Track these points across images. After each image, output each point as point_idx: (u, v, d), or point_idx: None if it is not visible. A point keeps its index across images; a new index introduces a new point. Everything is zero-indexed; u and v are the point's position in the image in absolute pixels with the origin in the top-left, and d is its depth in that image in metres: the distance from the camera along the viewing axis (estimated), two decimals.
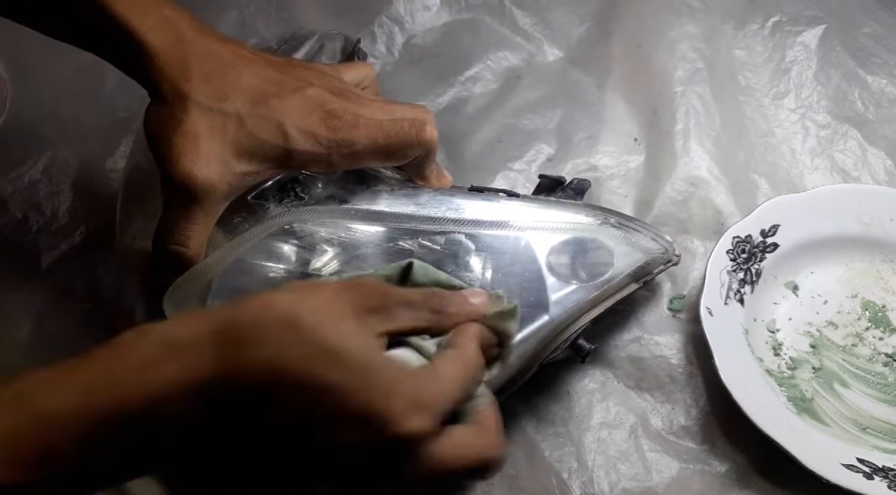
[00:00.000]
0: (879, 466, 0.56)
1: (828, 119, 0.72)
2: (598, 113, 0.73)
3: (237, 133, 0.51)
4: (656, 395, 0.61)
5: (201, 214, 0.52)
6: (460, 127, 0.73)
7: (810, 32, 0.76)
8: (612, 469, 0.58)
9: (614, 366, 0.62)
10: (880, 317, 0.63)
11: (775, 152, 0.71)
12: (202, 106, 0.51)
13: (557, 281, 0.55)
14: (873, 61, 0.75)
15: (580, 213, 0.58)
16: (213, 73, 0.52)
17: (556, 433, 0.59)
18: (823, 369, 0.61)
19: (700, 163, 0.70)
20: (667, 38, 0.75)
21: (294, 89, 0.53)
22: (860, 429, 0.59)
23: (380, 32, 0.77)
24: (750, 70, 0.75)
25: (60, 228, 0.67)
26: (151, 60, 0.51)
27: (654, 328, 0.63)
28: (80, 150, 0.70)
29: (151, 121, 0.52)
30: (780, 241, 0.64)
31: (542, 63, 0.77)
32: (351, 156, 0.54)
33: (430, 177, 0.59)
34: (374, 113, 0.55)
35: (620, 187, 0.69)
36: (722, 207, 0.68)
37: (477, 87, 0.76)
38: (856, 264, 0.65)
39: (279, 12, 0.77)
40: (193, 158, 0.50)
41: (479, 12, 0.79)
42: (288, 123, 0.52)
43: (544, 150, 0.72)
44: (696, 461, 0.58)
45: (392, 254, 0.55)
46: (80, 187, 0.69)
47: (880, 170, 0.70)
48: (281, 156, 0.52)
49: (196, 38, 0.53)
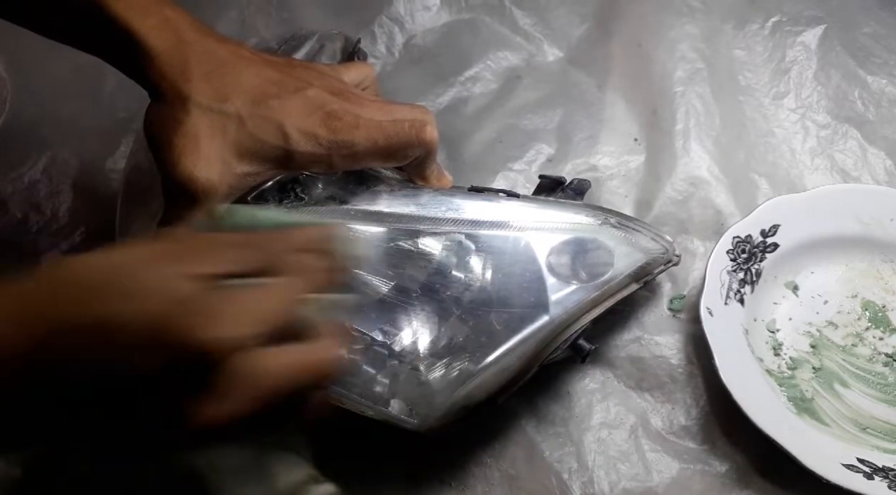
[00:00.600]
0: (879, 466, 0.56)
1: (828, 119, 0.72)
2: (598, 113, 0.73)
3: (238, 134, 0.51)
4: (656, 395, 0.61)
5: None
6: (460, 127, 0.73)
7: (810, 32, 0.76)
8: (612, 469, 0.58)
9: (614, 366, 0.62)
10: (880, 317, 0.63)
11: (775, 152, 0.71)
12: (202, 106, 0.51)
13: (558, 281, 0.55)
14: (873, 61, 0.75)
15: (580, 214, 0.58)
16: (213, 73, 0.52)
17: (557, 433, 0.59)
18: (823, 369, 0.61)
19: (700, 163, 0.70)
20: (667, 38, 0.75)
21: (294, 90, 0.53)
22: (860, 429, 0.59)
23: (380, 32, 0.77)
24: (750, 70, 0.75)
25: (60, 228, 0.68)
26: (151, 61, 0.51)
27: (655, 328, 0.63)
28: (80, 151, 0.70)
29: (152, 121, 0.52)
30: (781, 241, 0.64)
31: (542, 63, 0.77)
32: (351, 157, 0.54)
33: (430, 177, 0.59)
34: (374, 114, 0.55)
35: (620, 187, 0.69)
36: (722, 207, 0.68)
37: (477, 87, 0.76)
38: (856, 264, 0.65)
39: (279, 12, 0.77)
40: (194, 159, 0.50)
41: (479, 12, 0.79)
42: (288, 124, 0.52)
43: (544, 150, 0.72)
44: (697, 461, 0.58)
45: (392, 254, 0.55)
46: (80, 187, 0.69)
47: (880, 170, 0.70)
48: (281, 157, 0.52)
49: (196, 38, 0.53)
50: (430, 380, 0.55)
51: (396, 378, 0.55)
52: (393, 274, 0.56)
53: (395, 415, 0.54)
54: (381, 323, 0.55)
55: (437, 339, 0.55)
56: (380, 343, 0.55)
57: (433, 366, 0.55)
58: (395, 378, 0.55)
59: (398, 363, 0.55)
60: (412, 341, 0.55)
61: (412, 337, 0.55)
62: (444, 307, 0.55)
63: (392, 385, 0.55)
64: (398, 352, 0.55)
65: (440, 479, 0.59)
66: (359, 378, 0.54)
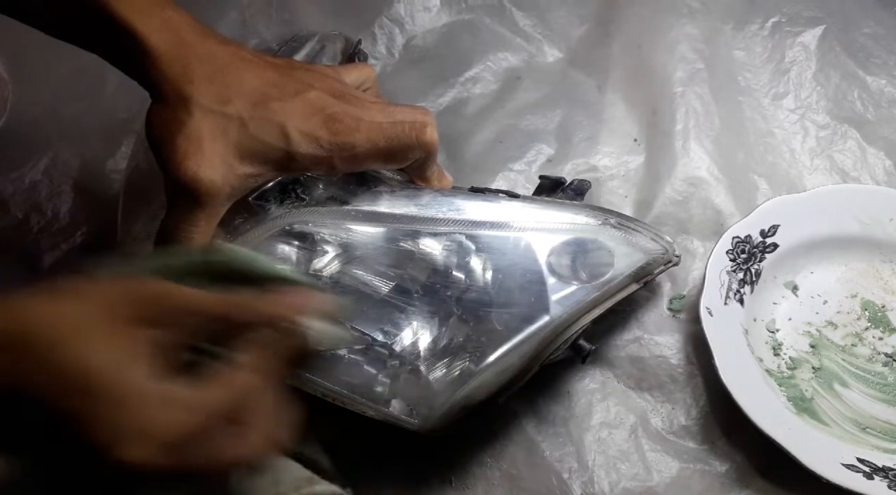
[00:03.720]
0: (879, 466, 0.56)
1: (827, 119, 0.72)
2: (597, 113, 0.74)
3: (239, 135, 0.51)
4: (656, 395, 0.61)
5: (204, 216, 0.52)
6: (460, 127, 0.73)
7: (810, 33, 0.76)
8: (612, 469, 0.58)
9: (614, 366, 0.62)
10: (880, 317, 0.64)
11: (775, 152, 0.71)
12: (204, 108, 0.51)
13: (558, 281, 0.55)
14: (873, 62, 0.75)
15: (580, 214, 0.58)
16: (214, 74, 0.52)
17: (557, 433, 0.60)
18: (823, 369, 0.61)
19: (700, 163, 0.70)
20: (666, 39, 0.75)
21: (295, 92, 0.53)
22: (860, 429, 0.59)
23: (380, 33, 0.77)
24: (749, 70, 0.75)
25: (61, 229, 0.68)
26: (153, 62, 0.51)
27: (655, 328, 0.63)
28: (81, 151, 0.70)
29: (154, 122, 0.52)
30: (780, 241, 0.64)
31: (542, 64, 0.77)
32: (352, 158, 0.54)
33: (431, 178, 0.59)
34: (374, 115, 0.55)
35: (620, 187, 0.70)
36: (721, 207, 0.68)
37: (477, 87, 0.76)
38: (855, 264, 0.65)
39: (280, 13, 0.77)
40: (198, 160, 0.50)
41: (479, 13, 0.79)
42: (289, 126, 0.52)
43: (544, 151, 0.72)
44: (697, 461, 0.59)
45: (393, 254, 0.55)
46: (81, 188, 0.69)
47: (879, 171, 0.70)
48: (282, 158, 0.52)
49: (197, 39, 0.53)
50: (431, 381, 0.55)
51: (397, 378, 0.55)
52: (393, 274, 0.56)
53: (395, 415, 0.54)
54: (381, 323, 0.55)
55: (438, 340, 0.55)
56: (380, 343, 0.55)
57: (434, 366, 0.55)
58: (396, 378, 0.55)
59: (399, 363, 0.55)
60: (413, 341, 0.55)
61: (413, 337, 0.55)
62: (445, 307, 0.55)
63: (393, 385, 0.55)
64: (399, 353, 0.55)
65: (441, 479, 0.59)
66: (359, 378, 0.54)
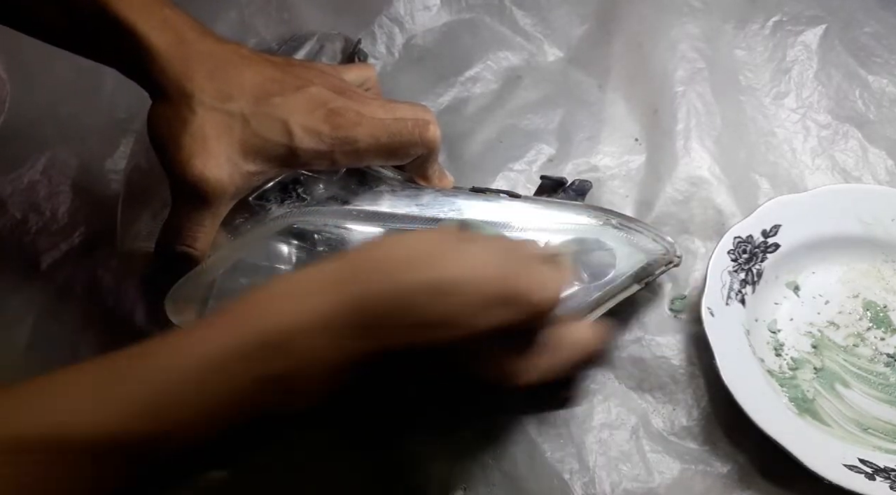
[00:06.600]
0: (881, 467, 0.56)
1: (829, 119, 0.72)
2: (598, 113, 0.73)
3: (242, 132, 0.51)
4: (658, 396, 0.61)
5: (209, 215, 0.52)
6: (461, 127, 0.73)
7: (811, 32, 0.76)
8: (613, 469, 0.58)
9: (615, 367, 0.62)
10: (882, 318, 0.63)
11: (776, 152, 0.71)
12: (207, 105, 0.51)
13: None
14: (874, 61, 0.75)
15: (582, 214, 0.58)
16: (215, 72, 0.52)
17: (558, 434, 0.59)
18: (825, 369, 0.61)
19: (701, 163, 0.70)
20: (667, 38, 0.75)
21: (296, 88, 0.53)
22: (862, 430, 0.59)
23: (380, 33, 0.77)
24: (751, 70, 0.75)
25: (60, 229, 0.67)
26: (153, 60, 0.51)
27: (656, 328, 0.63)
28: (80, 151, 0.70)
29: (156, 121, 0.52)
30: (782, 241, 0.64)
31: (543, 63, 0.77)
32: (353, 153, 0.54)
33: (432, 177, 0.59)
34: (376, 111, 0.55)
35: (621, 187, 0.69)
36: (723, 207, 0.68)
37: (477, 87, 0.76)
38: (857, 264, 0.65)
39: (279, 13, 0.77)
40: (204, 159, 0.50)
41: (479, 12, 0.79)
42: (292, 121, 0.52)
43: (545, 151, 0.72)
44: (698, 462, 0.58)
45: None
46: (80, 188, 0.69)
47: (881, 170, 0.70)
48: (285, 154, 0.52)
49: (196, 38, 0.53)
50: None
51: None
52: None
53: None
54: None
55: None
56: None
57: None
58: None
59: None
60: None
61: None
62: None
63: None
64: None
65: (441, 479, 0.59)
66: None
